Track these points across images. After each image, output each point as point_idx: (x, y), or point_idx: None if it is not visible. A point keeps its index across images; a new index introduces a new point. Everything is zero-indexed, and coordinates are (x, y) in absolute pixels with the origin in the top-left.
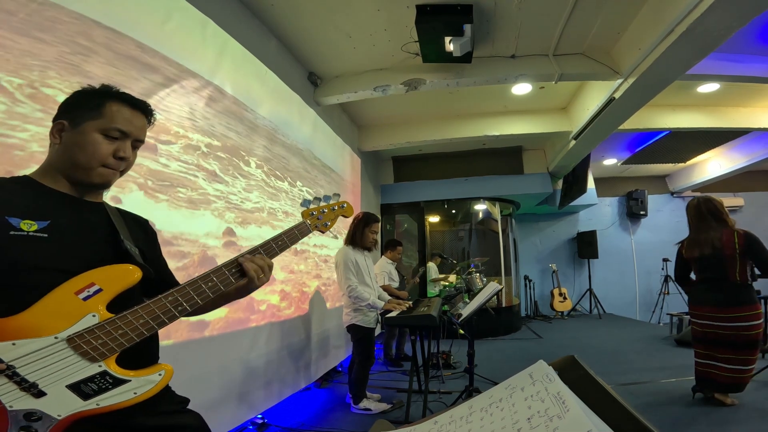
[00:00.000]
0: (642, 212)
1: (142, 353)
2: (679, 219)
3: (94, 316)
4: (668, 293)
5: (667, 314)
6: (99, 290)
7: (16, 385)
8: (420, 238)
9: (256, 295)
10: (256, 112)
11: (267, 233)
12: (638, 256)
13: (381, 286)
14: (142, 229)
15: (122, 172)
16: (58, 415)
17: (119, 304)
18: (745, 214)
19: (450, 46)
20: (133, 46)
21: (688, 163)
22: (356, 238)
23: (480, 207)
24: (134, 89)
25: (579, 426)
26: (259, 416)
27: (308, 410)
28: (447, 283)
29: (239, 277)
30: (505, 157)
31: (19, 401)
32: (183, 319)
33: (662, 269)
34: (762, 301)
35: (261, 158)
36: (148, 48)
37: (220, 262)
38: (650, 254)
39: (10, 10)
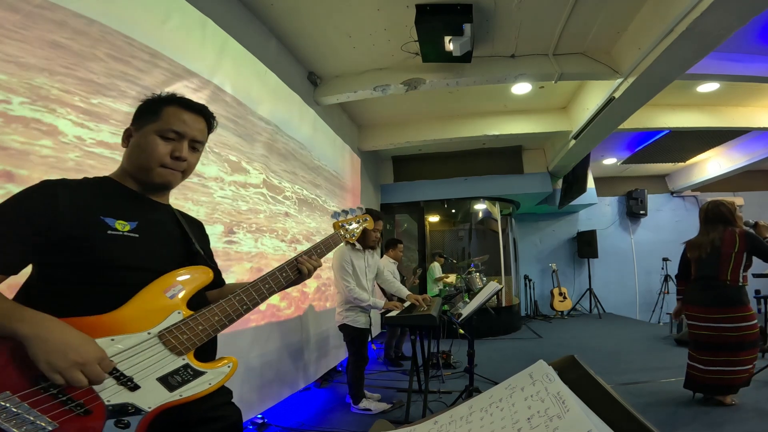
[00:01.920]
0: (642, 212)
1: (208, 347)
2: (679, 219)
3: (179, 313)
4: (668, 293)
5: (667, 314)
6: (182, 289)
7: (115, 380)
8: (420, 238)
9: None
10: (256, 112)
11: (264, 233)
12: (638, 255)
13: None
14: (199, 231)
15: (184, 174)
16: (149, 407)
17: (192, 301)
18: (745, 214)
19: (450, 46)
20: (133, 46)
21: (688, 162)
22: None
23: (480, 207)
24: (133, 89)
25: (579, 426)
26: (259, 416)
27: (308, 410)
28: (447, 283)
29: (296, 275)
30: (505, 156)
31: (117, 395)
32: None
33: (662, 269)
34: (762, 300)
35: (261, 158)
36: (148, 48)
37: (219, 261)
38: (650, 254)
39: (8, 10)
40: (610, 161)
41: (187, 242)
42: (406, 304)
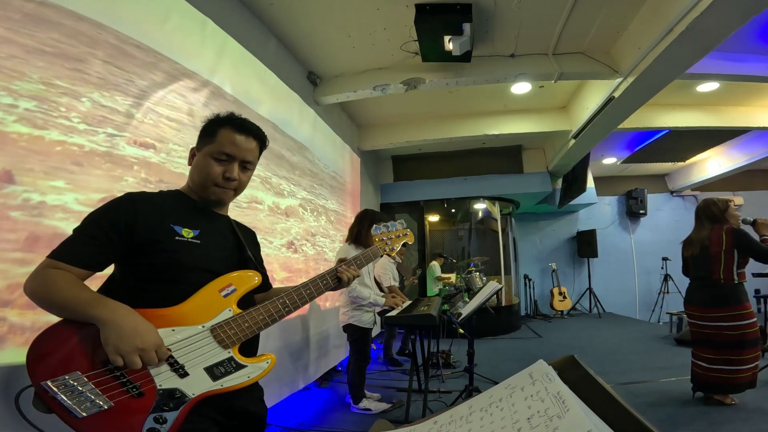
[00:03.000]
0: (641, 211)
1: (252, 343)
2: (679, 218)
3: (230, 310)
4: (668, 292)
5: (667, 313)
6: (234, 290)
7: (169, 366)
8: (420, 237)
9: None
10: (256, 112)
11: (264, 234)
12: (638, 255)
13: (387, 287)
14: (252, 239)
15: (236, 192)
16: (193, 394)
17: (242, 301)
18: (745, 213)
19: (449, 45)
20: (132, 46)
21: (688, 162)
22: (360, 237)
23: (480, 206)
24: (133, 89)
25: (579, 426)
26: None
27: (308, 410)
28: (448, 283)
29: (336, 282)
30: (505, 156)
31: (168, 381)
32: None
33: (662, 268)
34: (762, 299)
35: (260, 157)
36: (147, 47)
37: None
38: (650, 253)
39: (7, 10)
40: (609, 161)
41: (241, 249)
42: (406, 303)
